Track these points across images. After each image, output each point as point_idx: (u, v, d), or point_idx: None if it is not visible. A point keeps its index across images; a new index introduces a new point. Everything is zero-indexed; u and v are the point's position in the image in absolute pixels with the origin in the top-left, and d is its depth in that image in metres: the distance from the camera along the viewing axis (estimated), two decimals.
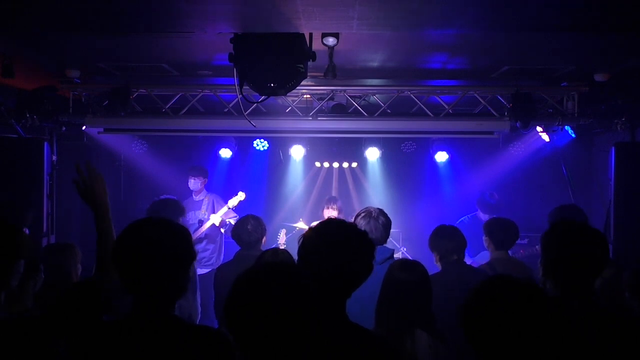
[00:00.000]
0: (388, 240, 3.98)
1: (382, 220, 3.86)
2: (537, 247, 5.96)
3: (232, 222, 7.03)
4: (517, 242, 4.80)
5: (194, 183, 7.33)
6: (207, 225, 6.96)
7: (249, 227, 4.66)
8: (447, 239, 4.15)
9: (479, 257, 6.32)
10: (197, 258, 3.51)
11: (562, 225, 2.58)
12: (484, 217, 6.77)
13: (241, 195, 7.15)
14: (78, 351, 2.14)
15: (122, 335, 2.12)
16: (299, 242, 2.28)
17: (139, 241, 2.15)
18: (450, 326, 3.17)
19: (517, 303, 1.79)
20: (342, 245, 2.18)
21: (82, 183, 2.51)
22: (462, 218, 6.94)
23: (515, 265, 4.45)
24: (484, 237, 4.70)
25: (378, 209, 3.97)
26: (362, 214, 3.91)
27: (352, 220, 4.00)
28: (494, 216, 6.70)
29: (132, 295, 2.18)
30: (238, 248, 4.79)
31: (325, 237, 2.23)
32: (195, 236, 6.78)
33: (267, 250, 3.91)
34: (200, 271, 6.33)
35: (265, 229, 4.77)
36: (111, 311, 2.41)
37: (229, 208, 7.10)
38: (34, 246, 3.15)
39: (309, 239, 2.25)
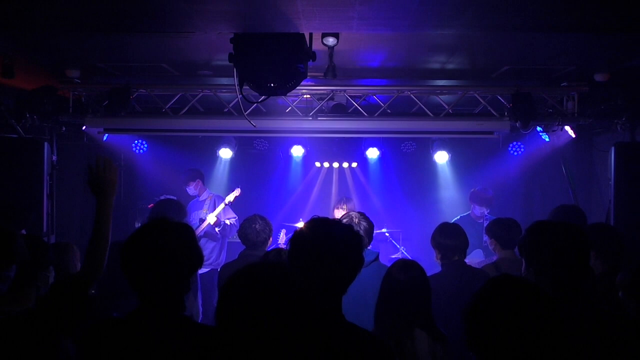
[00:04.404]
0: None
1: (363, 225, 3.86)
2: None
3: (229, 222, 7.06)
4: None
5: (190, 189, 7.38)
6: (204, 224, 6.97)
7: (257, 226, 4.59)
8: (449, 238, 4.10)
9: (472, 255, 6.33)
10: None
11: (537, 227, 2.57)
12: (479, 212, 6.74)
13: (237, 191, 7.13)
14: (88, 347, 2.16)
15: (132, 333, 2.14)
16: (287, 244, 2.30)
17: (150, 244, 2.18)
18: (449, 327, 3.18)
19: (522, 305, 1.78)
20: (327, 241, 2.20)
21: (95, 169, 2.52)
22: (456, 218, 6.93)
23: (521, 266, 4.42)
24: (488, 239, 4.67)
25: (359, 213, 3.97)
26: (344, 220, 3.91)
27: None
28: (489, 210, 6.72)
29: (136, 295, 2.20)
30: (240, 247, 4.77)
31: (311, 235, 2.24)
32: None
33: (270, 251, 3.90)
34: (200, 270, 6.32)
35: (272, 229, 4.71)
36: (114, 303, 2.43)
37: (226, 204, 7.10)
38: (42, 246, 3.16)
39: (296, 240, 2.27)
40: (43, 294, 3.17)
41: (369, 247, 3.86)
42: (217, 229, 7.06)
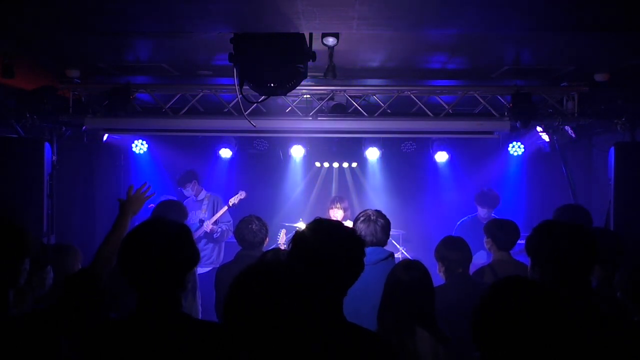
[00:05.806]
0: (388, 240, 3.99)
1: (380, 223, 3.87)
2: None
3: (223, 227, 7.12)
4: (517, 242, 4.79)
5: (187, 190, 7.41)
6: (202, 229, 7.03)
7: (253, 227, 4.60)
8: (453, 250, 4.10)
9: (476, 256, 6.33)
10: None
11: (546, 226, 2.59)
12: (483, 213, 6.76)
13: (241, 194, 7.18)
14: (88, 349, 2.16)
15: (133, 333, 2.15)
16: (289, 244, 2.30)
17: (146, 242, 2.21)
18: (453, 338, 3.17)
19: (533, 305, 1.80)
20: (329, 244, 2.20)
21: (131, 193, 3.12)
22: (463, 219, 6.93)
23: (517, 267, 4.41)
24: (485, 239, 4.67)
25: (376, 211, 3.97)
26: (362, 218, 3.91)
27: (352, 224, 4.02)
28: (494, 210, 6.74)
29: (135, 294, 2.21)
30: (238, 247, 4.77)
31: (312, 237, 2.24)
32: (195, 236, 6.80)
33: (268, 251, 3.90)
34: (200, 270, 6.35)
35: (268, 229, 4.73)
36: (113, 303, 2.44)
37: (229, 206, 7.12)
38: (40, 246, 3.18)
39: (298, 240, 2.27)
40: (41, 295, 3.17)
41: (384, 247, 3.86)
42: (214, 236, 7.11)
